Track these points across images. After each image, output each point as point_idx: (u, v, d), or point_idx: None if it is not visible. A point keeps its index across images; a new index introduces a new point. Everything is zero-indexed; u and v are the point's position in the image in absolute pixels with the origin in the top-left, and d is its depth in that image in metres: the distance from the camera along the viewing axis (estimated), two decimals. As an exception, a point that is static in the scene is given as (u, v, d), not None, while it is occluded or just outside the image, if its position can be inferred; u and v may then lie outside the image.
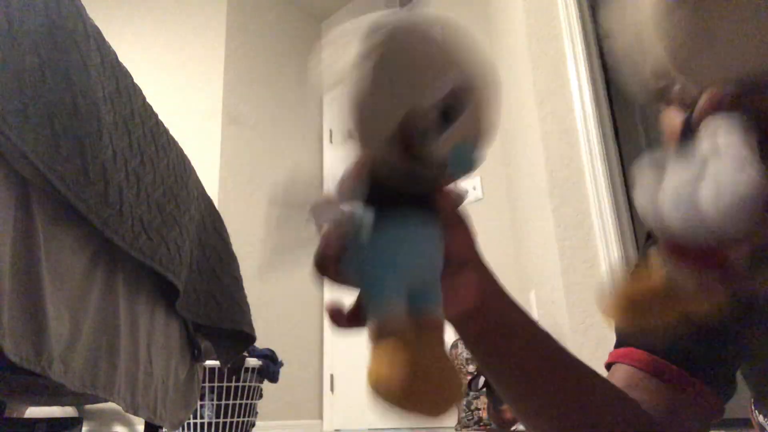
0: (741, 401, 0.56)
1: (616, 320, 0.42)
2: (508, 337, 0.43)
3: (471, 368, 2.30)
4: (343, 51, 0.31)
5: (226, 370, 2.13)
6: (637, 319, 0.38)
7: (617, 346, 0.55)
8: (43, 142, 0.69)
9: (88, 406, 2.39)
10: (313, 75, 0.32)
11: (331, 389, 3.39)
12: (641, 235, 1.82)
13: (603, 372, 0.55)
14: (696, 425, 0.50)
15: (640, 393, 0.49)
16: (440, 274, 0.33)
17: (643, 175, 0.33)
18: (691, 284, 0.33)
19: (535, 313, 2.22)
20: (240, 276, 1.40)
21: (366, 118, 0.31)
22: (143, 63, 3.01)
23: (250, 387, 2.23)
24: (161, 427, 1.25)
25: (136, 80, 1.00)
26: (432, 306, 0.31)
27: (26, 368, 0.69)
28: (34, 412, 1.97)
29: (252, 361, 2.23)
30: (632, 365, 0.51)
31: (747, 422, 0.55)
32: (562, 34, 2.00)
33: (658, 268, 0.35)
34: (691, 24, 0.29)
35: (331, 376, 3.41)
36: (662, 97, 0.38)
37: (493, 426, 2.18)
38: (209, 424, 2.12)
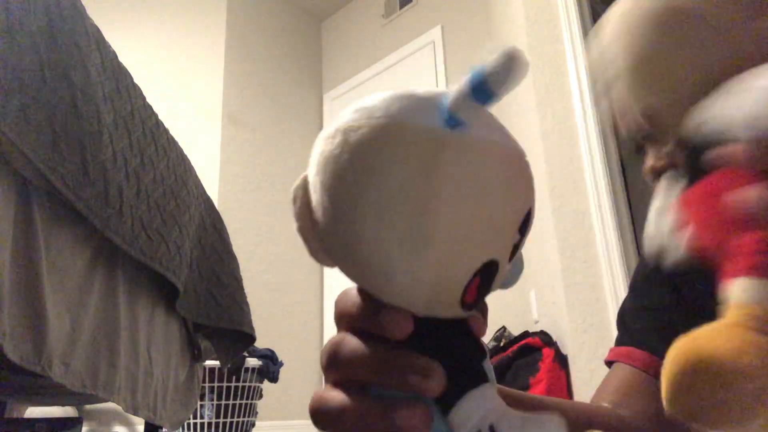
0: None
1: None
2: None
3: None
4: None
5: (226, 370, 2.13)
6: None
7: (618, 343, 0.55)
8: (43, 142, 0.69)
9: (88, 406, 2.40)
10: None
11: (331, 389, 3.39)
12: (641, 234, 1.81)
13: (603, 369, 0.55)
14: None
15: (641, 396, 0.49)
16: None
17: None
18: None
19: (535, 313, 2.22)
20: (240, 276, 1.40)
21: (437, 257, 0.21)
22: (143, 63, 3.01)
23: (250, 387, 2.23)
24: (161, 427, 1.25)
25: (136, 80, 1.00)
26: None
27: (26, 368, 0.69)
28: (34, 412, 1.97)
29: (252, 361, 2.23)
30: (633, 366, 0.51)
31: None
32: (562, 34, 2.00)
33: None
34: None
35: (331, 376, 3.41)
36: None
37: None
38: (209, 424, 2.12)
